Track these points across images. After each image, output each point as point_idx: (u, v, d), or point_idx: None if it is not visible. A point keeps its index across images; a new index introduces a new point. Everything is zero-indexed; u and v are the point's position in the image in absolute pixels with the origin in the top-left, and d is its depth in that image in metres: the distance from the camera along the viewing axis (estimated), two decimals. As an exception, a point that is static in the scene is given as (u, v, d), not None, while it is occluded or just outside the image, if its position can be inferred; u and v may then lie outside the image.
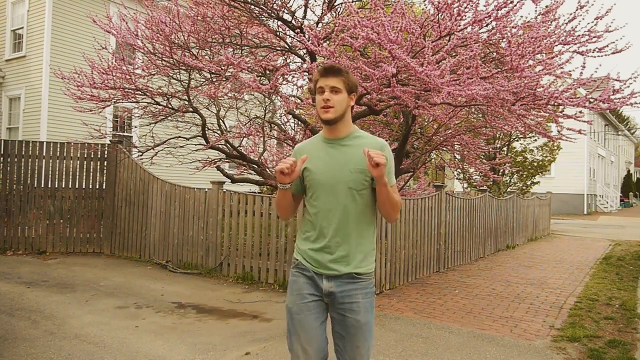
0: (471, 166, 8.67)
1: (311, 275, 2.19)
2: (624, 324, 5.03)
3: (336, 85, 2.14)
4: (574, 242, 12.79)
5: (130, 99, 6.94)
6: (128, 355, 3.86)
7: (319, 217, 2.18)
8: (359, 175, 2.15)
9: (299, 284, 2.21)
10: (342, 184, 2.15)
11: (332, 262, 2.15)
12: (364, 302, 2.17)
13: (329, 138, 2.23)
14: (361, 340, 2.16)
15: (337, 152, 2.19)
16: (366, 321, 2.17)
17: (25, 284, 6.05)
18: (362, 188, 2.16)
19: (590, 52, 4.93)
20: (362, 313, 2.16)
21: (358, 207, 2.17)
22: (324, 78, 2.15)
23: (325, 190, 2.17)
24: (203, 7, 5.99)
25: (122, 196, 8.36)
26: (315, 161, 2.19)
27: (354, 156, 2.16)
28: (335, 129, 2.20)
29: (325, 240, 2.16)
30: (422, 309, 5.40)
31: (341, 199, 2.15)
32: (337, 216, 2.15)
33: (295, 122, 9.32)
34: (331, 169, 2.17)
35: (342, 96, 2.15)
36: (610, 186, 34.52)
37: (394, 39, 4.33)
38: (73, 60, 10.77)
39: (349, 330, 2.16)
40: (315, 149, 2.24)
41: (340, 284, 2.16)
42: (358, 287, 2.17)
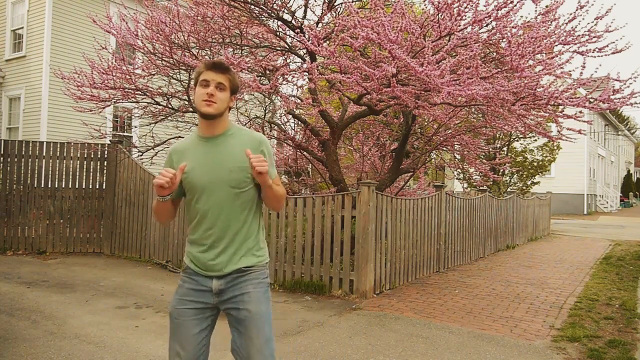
0: (471, 166, 8.67)
1: (199, 279, 2.14)
2: (624, 324, 5.03)
3: (222, 82, 2.10)
4: (574, 242, 12.79)
5: (130, 99, 6.93)
6: (128, 355, 3.86)
7: (202, 220, 2.12)
8: (240, 174, 2.08)
9: (183, 289, 2.18)
10: (222, 183, 2.09)
11: (219, 264, 2.11)
12: (255, 292, 2.12)
13: (205, 136, 2.15)
14: (254, 331, 2.08)
15: (215, 151, 2.12)
16: (258, 311, 2.10)
17: (25, 284, 6.05)
18: (244, 186, 2.11)
19: (590, 52, 4.93)
20: (254, 303, 2.10)
21: (241, 205, 2.12)
22: (210, 72, 2.09)
23: (205, 192, 2.10)
24: (203, 7, 5.98)
25: (122, 196, 8.36)
26: (193, 163, 2.12)
27: (232, 154, 2.10)
28: (212, 125, 2.13)
29: (210, 241, 2.11)
30: (422, 309, 5.40)
31: (223, 199, 2.09)
32: (220, 217, 2.10)
33: (295, 122, 9.32)
34: (210, 169, 2.10)
35: (225, 94, 2.11)
36: (610, 186, 34.52)
37: (394, 39, 4.33)
38: (73, 60, 10.77)
39: (242, 323, 2.10)
40: (191, 150, 2.16)
41: (229, 280, 2.12)
42: (247, 278, 2.13)
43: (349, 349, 4.09)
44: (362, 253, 5.77)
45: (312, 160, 8.00)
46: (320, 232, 6.09)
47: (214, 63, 2.12)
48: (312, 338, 4.31)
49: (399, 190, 8.49)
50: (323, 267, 6.05)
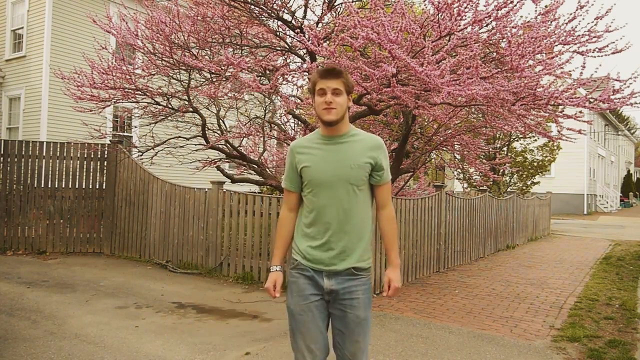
0: (471, 166, 8.66)
1: (311, 275, 2.21)
2: (624, 324, 5.03)
3: (338, 87, 2.17)
4: (574, 242, 12.79)
5: (130, 99, 6.93)
6: (128, 355, 3.86)
7: (319, 214, 2.20)
8: (359, 172, 2.19)
9: (299, 284, 2.23)
10: (342, 180, 2.18)
11: (333, 258, 2.18)
12: (364, 297, 2.21)
13: (327, 135, 2.25)
14: (361, 335, 2.19)
15: (336, 149, 2.22)
16: (365, 316, 2.20)
17: (25, 284, 6.05)
18: (361, 184, 2.21)
19: (590, 52, 4.93)
20: (362, 308, 2.19)
21: (358, 202, 2.21)
22: (325, 80, 2.17)
23: (325, 187, 2.19)
24: (203, 7, 5.98)
25: (122, 196, 8.36)
26: (314, 158, 2.22)
27: (352, 152, 2.20)
28: (335, 128, 2.23)
29: (326, 237, 2.18)
30: (422, 309, 5.40)
31: (341, 195, 2.18)
32: (338, 212, 2.18)
33: (295, 122, 9.31)
34: (331, 165, 2.19)
35: (343, 98, 2.19)
36: (610, 186, 34.52)
37: (394, 39, 4.33)
38: (73, 60, 10.76)
39: (349, 326, 2.18)
40: (312, 146, 2.26)
41: (341, 281, 2.19)
42: (358, 282, 2.20)
43: (349, 349, 4.09)
44: (362, 253, 5.76)
45: (312, 160, 7.98)
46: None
47: (326, 70, 2.20)
48: (312, 338, 4.30)
49: (399, 190, 8.49)
50: (323, 267, 6.04)
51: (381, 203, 2.31)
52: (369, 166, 2.20)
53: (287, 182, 2.32)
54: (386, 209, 2.32)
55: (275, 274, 2.29)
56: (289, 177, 2.30)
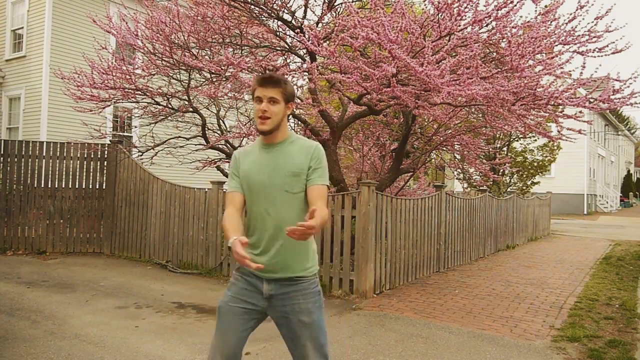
0: (471, 166, 8.67)
1: (252, 281, 2.20)
2: (624, 324, 5.03)
3: (274, 96, 2.16)
4: (574, 242, 12.79)
5: (130, 99, 6.93)
6: (128, 355, 3.86)
7: (257, 221, 2.19)
8: (294, 179, 2.17)
9: (237, 287, 2.23)
10: (277, 187, 2.17)
11: (271, 266, 2.16)
12: (305, 302, 2.18)
13: (265, 143, 2.26)
14: (308, 338, 2.17)
15: (272, 157, 2.22)
16: (311, 321, 2.18)
17: (25, 284, 6.05)
18: (297, 191, 2.18)
19: (590, 52, 4.93)
20: (305, 313, 2.17)
21: (294, 210, 2.18)
22: (262, 88, 2.16)
23: (260, 194, 2.18)
24: (203, 7, 5.98)
25: (122, 196, 8.36)
26: (252, 165, 2.23)
27: (288, 160, 2.20)
28: (272, 137, 2.23)
29: (264, 244, 2.18)
30: (422, 309, 5.40)
31: (277, 202, 2.17)
32: (274, 219, 2.16)
33: (295, 122, 9.32)
34: (267, 172, 2.19)
35: (279, 107, 2.18)
36: (610, 186, 34.52)
37: (394, 39, 4.33)
38: (73, 60, 10.76)
39: (295, 330, 2.18)
40: (252, 154, 2.27)
41: (279, 287, 2.18)
42: (298, 288, 2.19)
43: (349, 349, 4.09)
44: (362, 253, 5.77)
45: (312, 160, 7.98)
46: (320, 232, 6.09)
47: (263, 78, 2.19)
48: (312, 338, 4.30)
49: (399, 190, 8.49)
50: (323, 267, 6.05)
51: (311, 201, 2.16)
52: (304, 173, 2.18)
53: (231, 186, 2.27)
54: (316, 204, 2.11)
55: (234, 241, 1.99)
56: (233, 181, 2.28)
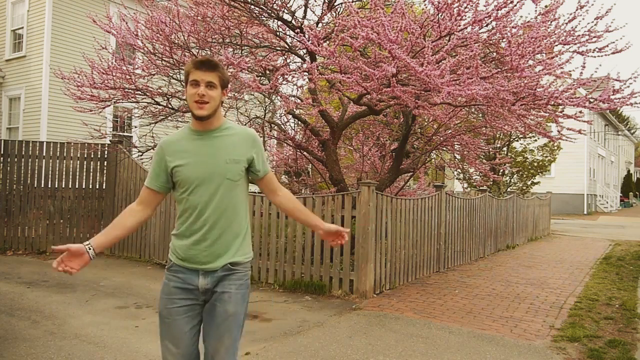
0: (471, 166, 8.67)
1: (185, 277, 2.15)
2: (624, 324, 5.03)
3: (212, 80, 2.10)
4: (574, 242, 12.79)
5: (130, 99, 6.93)
6: (128, 355, 3.86)
7: (194, 212, 2.13)
8: (235, 166, 2.14)
9: (169, 287, 2.18)
10: (218, 175, 2.12)
11: (208, 256, 2.12)
12: (236, 292, 2.14)
13: (199, 130, 2.17)
14: (226, 331, 2.11)
15: (209, 144, 2.15)
16: (234, 312, 2.13)
17: (25, 284, 6.05)
18: (238, 178, 2.16)
19: (590, 52, 4.93)
20: (232, 303, 2.13)
21: (234, 197, 2.16)
22: (199, 71, 2.09)
23: (201, 184, 2.12)
24: (203, 7, 5.98)
25: (122, 196, 8.36)
26: (187, 155, 2.15)
27: (226, 147, 2.15)
28: (208, 122, 2.16)
29: (201, 234, 2.12)
30: (422, 309, 5.39)
31: (217, 191, 2.12)
32: (213, 208, 2.12)
33: (295, 122, 9.33)
34: (206, 161, 2.13)
35: (216, 92, 2.12)
36: (610, 186, 34.52)
37: (394, 39, 4.33)
38: (73, 60, 10.76)
39: (215, 320, 2.12)
40: (184, 143, 2.18)
41: (215, 279, 2.14)
42: (233, 277, 2.15)
43: (349, 349, 4.09)
44: (362, 253, 5.77)
45: (312, 160, 8.00)
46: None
47: (201, 61, 2.12)
48: (312, 338, 4.31)
49: (399, 190, 8.49)
50: (323, 267, 6.05)
51: (273, 190, 2.27)
52: (244, 160, 2.15)
53: (151, 181, 2.20)
54: (281, 191, 2.28)
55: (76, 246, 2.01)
56: (155, 176, 2.19)
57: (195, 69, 2.10)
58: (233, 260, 2.15)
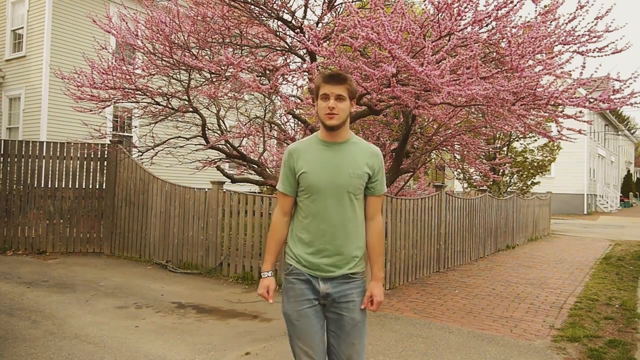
0: (471, 166, 8.67)
1: (307, 279, 2.20)
2: (624, 324, 5.03)
3: (341, 93, 2.16)
4: (574, 242, 12.79)
5: (130, 99, 6.93)
6: (128, 355, 3.86)
7: (315, 220, 2.19)
8: (357, 180, 2.19)
9: (295, 290, 2.22)
10: (341, 187, 2.17)
11: (329, 265, 2.18)
12: (359, 300, 2.21)
13: (327, 141, 2.23)
14: (357, 337, 2.20)
15: (336, 156, 2.21)
16: (361, 319, 2.21)
17: (25, 284, 6.05)
18: (358, 193, 2.21)
19: (590, 52, 4.93)
20: (358, 311, 2.20)
21: (354, 210, 2.21)
22: (329, 85, 2.16)
23: (323, 193, 2.17)
24: (203, 7, 5.98)
25: (122, 196, 8.36)
26: (314, 163, 2.20)
27: (352, 160, 2.20)
28: (336, 134, 2.22)
29: (322, 243, 2.18)
30: (422, 309, 5.39)
31: (338, 202, 2.17)
32: (335, 219, 2.17)
33: (295, 122, 9.31)
34: (330, 172, 2.18)
35: (346, 104, 2.18)
36: (610, 186, 34.52)
37: (394, 39, 4.33)
38: (73, 60, 10.77)
39: (345, 329, 2.19)
40: (311, 151, 2.24)
41: (336, 285, 2.19)
42: (353, 286, 2.21)
43: (349, 349, 4.09)
44: (362, 253, 5.76)
45: (312, 160, 7.97)
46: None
47: (331, 75, 2.19)
48: (312, 338, 4.30)
49: (399, 190, 8.49)
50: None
51: (371, 214, 2.30)
52: (366, 176, 2.20)
53: (283, 186, 2.27)
54: (375, 220, 2.30)
55: (267, 280, 2.28)
56: (286, 181, 2.26)
57: (325, 83, 2.17)
58: (353, 271, 2.21)
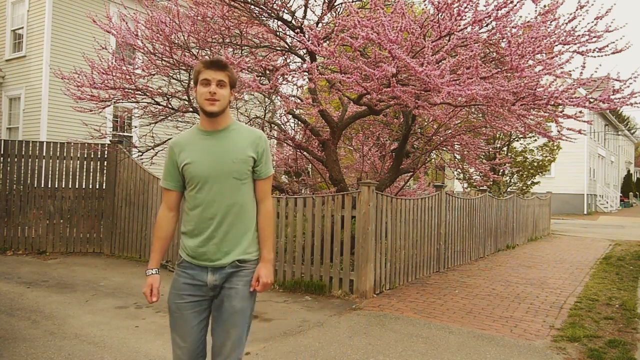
0: (471, 166, 8.67)
1: (194, 273, 2.22)
2: (624, 324, 5.03)
3: (222, 79, 2.17)
4: (574, 242, 12.79)
5: (130, 99, 6.93)
6: (128, 355, 3.86)
7: (203, 210, 2.19)
8: (242, 165, 2.20)
9: (179, 283, 2.26)
10: (225, 174, 2.18)
11: (217, 253, 2.18)
12: (243, 288, 2.21)
13: (207, 130, 2.24)
14: (232, 326, 2.18)
15: (217, 143, 2.21)
16: (241, 308, 2.20)
17: (25, 284, 6.05)
18: (245, 177, 2.22)
19: (590, 52, 4.93)
20: (239, 299, 2.20)
21: (241, 196, 2.22)
22: (210, 70, 2.16)
23: (208, 182, 2.18)
24: (203, 7, 5.98)
25: (122, 196, 8.36)
26: (196, 154, 2.21)
27: (234, 146, 2.21)
28: (216, 121, 2.22)
29: (209, 232, 2.18)
30: (422, 309, 5.40)
31: (225, 189, 2.18)
32: (222, 207, 2.18)
33: (295, 122, 9.32)
34: (213, 160, 2.19)
35: (226, 90, 2.19)
36: (610, 186, 34.52)
37: (394, 39, 4.34)
38: (73, 60, 10.77)
39: (223, 315, 2.20)
40: (193, 142, 2.24)
41: (224, 275, 2.20)
42: (240, 274, 2.22)
43: (349, 349, 4.09)
44: (362, 253, 5.77)
45: (312, 160, 8.00)
46: (320, 232, 6.09)
47: (212, 61, 2.19)
48: (312, 338, 4.31)
49: (399, 190, 8.49)
50: (323, 267, 6.05)
51: (260, 197, 2.31)
52: (251, 160, 2.21)
53: (166, 181, 2.28)
54: (264, 202, 2.31)
55: (152, 278, 2.29)
56: (169, 176, 2.27)
57: (206, 69, 2.17)
58: (241, 257, 2.21)
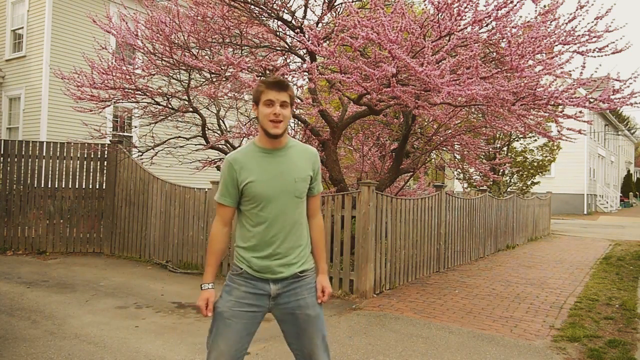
0: (471, 166, 8.66)
1: (257, 284, 2.22)
2: (624, 324, 5.03)
3: (286, 100, 2.18)
4: (574, 242, 12.79)
5: (130, 99, 6.93)
6: (128, 355, 3.86)
7: (267, 227, 2.20)
8: (302, 184, 2.25)
9: (239, 292, 2.22)
10: (288, 193, 2.21)
11: (280, 267, 2.21)
12: (310, 297, 2.26)
13: (267, 148, 2.24)
14: (315, 331, 2.24)
15: (279, 162, 2.23)
16: (316, 314, 2.26)
17: (25, 284, 6.05)
18: (304, 195, 2.29)
19: (590, 52, 4.93)
20: (311, 307, 2.25)
21: (300, 213, 2.28)
22: (273, 91, 2.16)
23: (271, 200, 2.20)
24: (203, 7, 5.98)
25: (122, 196, 8.36)
26: (258, 172, 2.20)
27: (294, 166, 2.24)
28: (278, 141, 2.23)
29: (273, 248, 2.21)
30: (422, 309, 5.39)
31: (287, 207, 2.22)
32: (285, 225, 2.22)
33: (295, 122, 9.32)
34: (276, 179, 2.20)
35: (288, 110, 2.20)
36: (610, 186, 34.52)
37: (394, 39, 4.33)
38: (73, 60, 10.77)
39: (301, 326, 2.23)
40: (253, 160, 2.23)
41: (286, 285, 2.23)
42: (302, 284, 2.26)
43: (349, 349, 4.09)
44: (362, 253, 5.77)
45: (312, 160, 7.98)
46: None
47: (275, 82, 2.19)
48: (312, 338, 4.30)
49: (399, 190, 8.49)
50: (323, 267, 6.03)
51: (312, 212, 2.38)
52: (309, 178, 2.28)
53: (224, 198, 2.25)
54: (316, 217, 2.40)
55: (207, 292, 2.25)
56: (227, 192, 2.24)
57: (268, 89, 2.17)
58: (302, 268, 2.26)
